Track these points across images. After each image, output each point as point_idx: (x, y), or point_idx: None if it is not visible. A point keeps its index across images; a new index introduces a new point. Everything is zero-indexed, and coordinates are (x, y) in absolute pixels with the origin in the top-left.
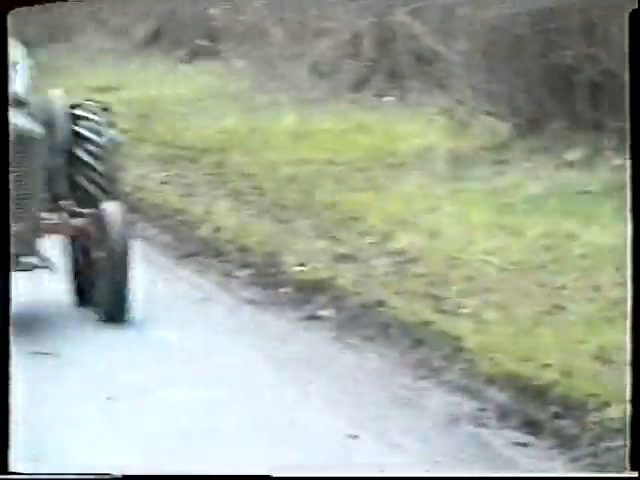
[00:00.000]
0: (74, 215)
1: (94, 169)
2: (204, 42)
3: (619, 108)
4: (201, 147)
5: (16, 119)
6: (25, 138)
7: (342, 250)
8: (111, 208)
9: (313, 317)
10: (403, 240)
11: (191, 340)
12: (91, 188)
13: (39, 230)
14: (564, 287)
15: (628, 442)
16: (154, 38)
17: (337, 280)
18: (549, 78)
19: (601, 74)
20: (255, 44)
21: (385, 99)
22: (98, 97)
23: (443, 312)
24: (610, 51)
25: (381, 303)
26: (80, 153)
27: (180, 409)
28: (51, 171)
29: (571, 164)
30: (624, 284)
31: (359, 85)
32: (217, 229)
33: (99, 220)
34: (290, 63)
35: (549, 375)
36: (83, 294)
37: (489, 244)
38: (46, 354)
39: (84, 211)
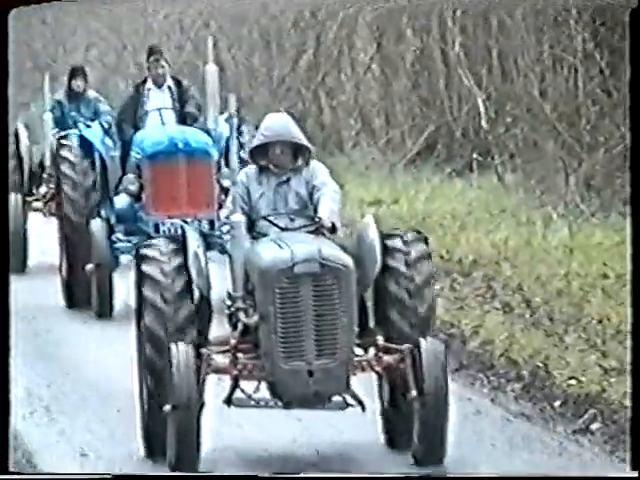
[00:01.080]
0: (386, 351)
1: (407, 305)
2: (477, 156)
3: None
4: (472, 260)
5: (328, 248)
6: (335, 269)
7: (612, 363)
8: (428, 346)
9: (584, 431)
10: None
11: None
12: (403, 325)
13: (351, 366)
14: None
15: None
16: (427, 151)
17: (607, 393)
18: None
19: None
20: (528, 157)
21: None
22: (369, 211)
23: None
24: None
25: None
26: (391, 287)
27: None
28: (360, 304)
29: None
30: None
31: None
32: (487, 342)
33: (413, 358)
34: (562, 176)
35: None
36: (394, 434)
37: None
38: None
39: (397, 347)
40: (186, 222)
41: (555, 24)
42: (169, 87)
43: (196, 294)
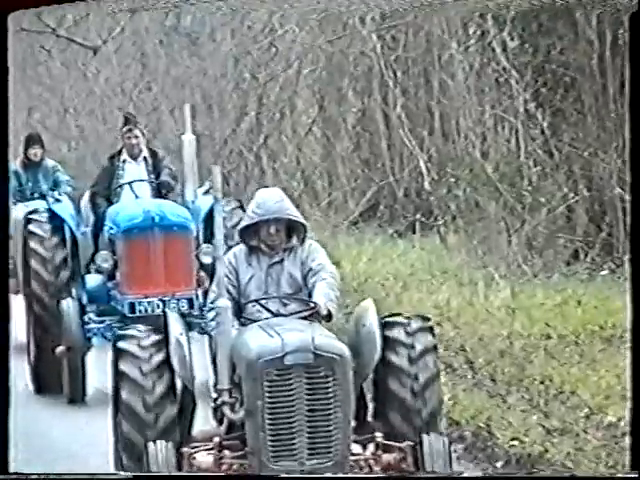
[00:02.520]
0: (385, 449)
1: (409, 406)
2: (419, 217)
3: None
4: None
5: (321, 336)
6: (330, 359)
7: (554, 424)
8: (431, 444)
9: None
10: (615, 413)
11: None
12: (404, 426)
13: (347, 466)
14: None
15: (628, 442)
16: (369, 212)
17: (550, 454)
18: None
19: None
20: (470, 218)
21: (599, 273)
22: None
23: None
24: None
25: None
26: (393, 385)
27: None
28: (358, 395)
29: None
30: None
31: (573, 259)
32: None
33: (415, 457)
34: (504, 237)
35: None
36: None
37: None
38: None
39: (397, 445)
40: (164, 301)
41: (496, 84)
42: (145, 159)
43: (178, 386)
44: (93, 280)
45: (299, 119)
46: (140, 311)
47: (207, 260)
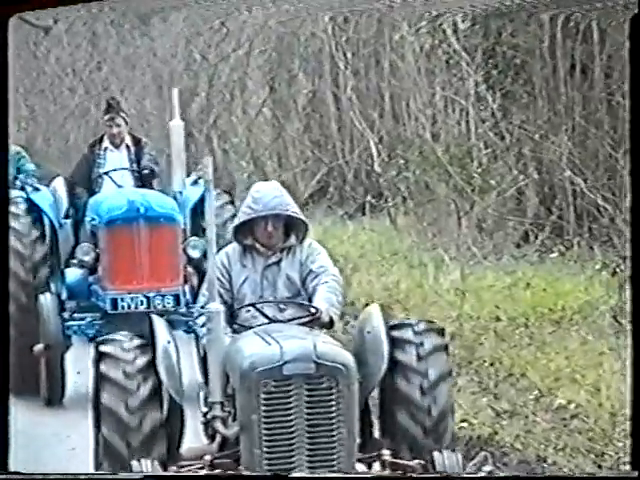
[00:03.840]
0: (393, 467)
1: (418, 405)
2: (369, 198)
3: None
4: (364, 303)
5: (324, 344)
6: (333, 369)
7: (504, 406)
8: (444, 461)
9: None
10: (565, 396)
11: None
12: (415, 430)
13: (365, 477)
14: None
15: (629, 442)
16: (319, 194)
17: (499, 436)
18: None
19: None
20: (420, 200)
21: (549, 255)
22: None
23: (605, 467)
24: None
25: (542, 459)
26: (401, 384)
27: None
28: (363, 409)
29: None
30: None
31: (523, 241)
32: None
33: (426, 471)
34: (454, 219)
35: None
36: None
37: None
38: None
39: (406, 463)
40: (148, 298)
41: (447, 66)
42: (127, 146)
43: (165, 399)
44: (73, 274)
45: (249, 100)
46: (123, 307)
47: (195, 254)
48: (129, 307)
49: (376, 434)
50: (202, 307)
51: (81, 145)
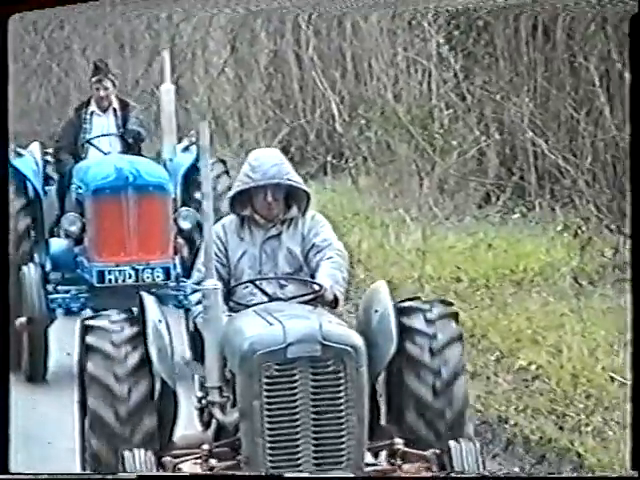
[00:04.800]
0: (404, 458)
1: (430, 407)
2: (331, 158)
3: None
4: None
5: (331, 324)
6: (341, 351)
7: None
8: (461, 451)
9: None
10: (526, 357)
11: None
12: (425, 431)
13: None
14: None
15: (629, 442)
16: (282, 153)
17: None
18: None
19: None
20: (382, 161)
21: (510, 216)
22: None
23: (566, 429)
24: None
25: (504, 420)
26: (410, 381)
27: None
28: (370, 394)
29: None
30: None
31: (485, 202)
32: None
33: (442, 466)
34: (416, 180)
35: None
36: None
37: (612, 362)
38: None
39: (419, 453)
40: (136, 270)
41: (409, 27)
42: (114, 110)
43: (157, 383)
44: (58, 245)
45: (211, 59)
46: (110, 281)
47: (186, 225)
48: (116, 280)
49: (383, 421)
50: (197, 284)
51: (43, 105)
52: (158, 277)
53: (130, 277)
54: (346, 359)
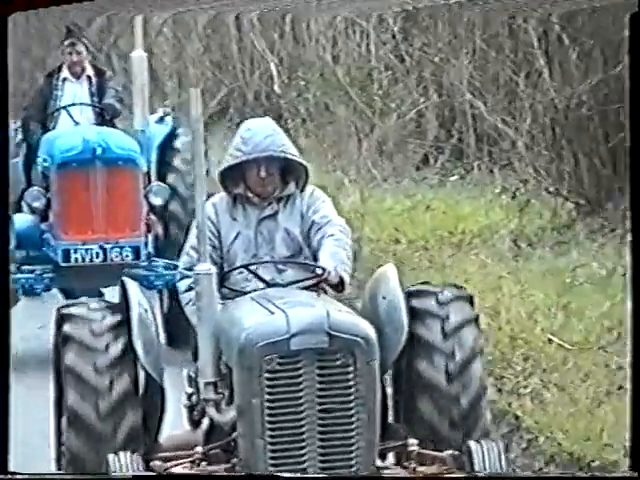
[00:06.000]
0: (421, 461)
1: (445, 393)
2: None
3: None
4: None
5: (339, 313)
6: (351, 343)
7: None
8: (483, 452)
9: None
10: None
11: None
12: (440, 422)
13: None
14: (624, 367)
15: (628, 442)
16: (219, 114)
17: None
18: (613, 158)
19: None
20: (320, 122)
21: (449, 178)
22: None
23: (504, 391)
24: None
25: None
26: (422, 367)
27: None
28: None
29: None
30: None
31: (423, 164)
32: None
33: (460, 465)
34: (355, 141)
35: (610, 456)
36: None
37: (551, 324)
38: None
39: (436, 454)
40: (104, 249)
41: None
42: (88, 77)
43: (142, 377)
44: (22, 221)
45: (150, 20)
46: (76, 260)
47: (158, 201)
48: (83, 259)
49: (390, 418)
50: (188, 269)
51: None
52: (127, 257)
53: (98, 256)
54: (356, 351)
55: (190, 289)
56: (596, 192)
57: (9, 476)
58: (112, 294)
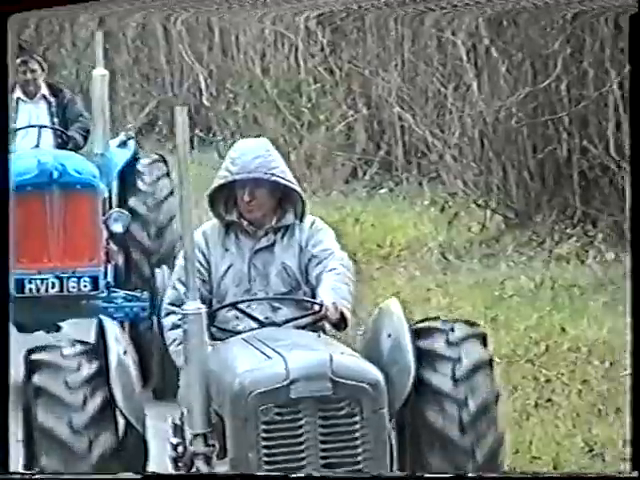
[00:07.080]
0: None
1: (458, 446)
2: (198, 132)
3: (611, 202)
4: None
5: (343, 356)
6: (357, 390)
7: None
8: None
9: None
10: None
11: None
12: (451, 466)
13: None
14: (553, 380)
15: (628, 442)
16: (148, 127)
17: None
18: (541, 171)
19: (594, 168)
20: (249, 135)
21: (378, 191)
22: None
23: None
24: (604, 145)
25: None
26: (431, 415)
27: None
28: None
29: (561, 258)
30: (613, 378)
31: (352, 177)
32: None
33: None
34: (284, 154)
35: (538, 468)
36: None
37: None
38: None
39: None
40: (61, 279)
41: (277, 0)
42: (44, 97)
43: (121, 423)
44: None
45: (79, 32)
46: (30, 290)
47: (118, 229)
48: (37, 290)
49: (395, 468)
50: (174, 305)
51: None
52: (85, 287)
53: (53, 287)
54: (363, 399)
55: (176, 327)
56: (525, 205)
57: (9, 476)
58: (72, 328)
